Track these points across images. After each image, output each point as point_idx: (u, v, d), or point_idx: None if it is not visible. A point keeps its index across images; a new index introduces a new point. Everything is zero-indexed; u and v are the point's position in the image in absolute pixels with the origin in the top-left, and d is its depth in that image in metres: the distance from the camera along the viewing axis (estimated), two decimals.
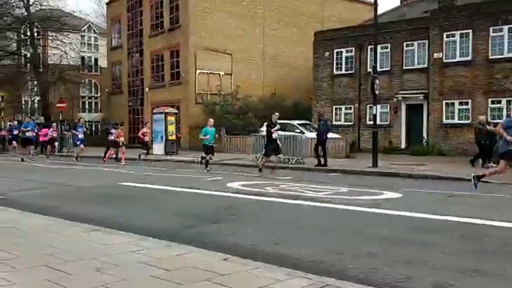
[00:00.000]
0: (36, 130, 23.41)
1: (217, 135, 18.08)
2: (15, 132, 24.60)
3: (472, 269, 4.54)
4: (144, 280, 3.74)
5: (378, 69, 18.21)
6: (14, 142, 24.52)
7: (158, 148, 23.79)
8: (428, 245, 5.50)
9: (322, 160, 16.21)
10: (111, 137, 20.14)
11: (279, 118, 15.15)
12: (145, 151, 20.17)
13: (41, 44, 39.33)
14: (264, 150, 14.76)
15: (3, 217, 6.60)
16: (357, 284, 3.81)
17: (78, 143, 21.38)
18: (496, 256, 5.08)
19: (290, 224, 6.95)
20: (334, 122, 26.24)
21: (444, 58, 22.13)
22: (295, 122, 23.36)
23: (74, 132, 21.71)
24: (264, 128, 23.16)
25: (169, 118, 25.05)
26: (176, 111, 26.97)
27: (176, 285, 3.59)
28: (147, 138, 20.56)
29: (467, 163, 15.82)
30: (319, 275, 3.91)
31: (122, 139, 20.12)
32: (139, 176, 13.90)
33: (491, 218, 6.97)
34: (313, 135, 21.83)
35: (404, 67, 23.96)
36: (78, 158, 20.43)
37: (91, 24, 49.11)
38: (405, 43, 23.82)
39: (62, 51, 37.09)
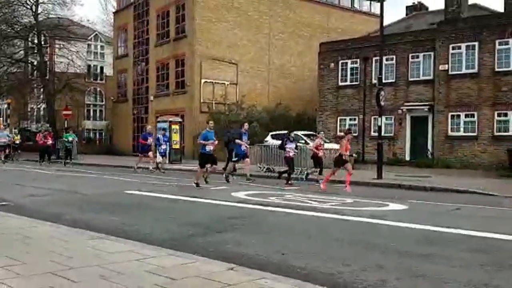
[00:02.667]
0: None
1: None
2: (150, 140, 19.28)
3: (482, 283, 4.45)
4: None
5: (383, 80, 18.18)
6: (150, 153, 19.01)
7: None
8: (436, 258, 5.42)
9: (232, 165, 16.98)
10: (289, 154, 15.01)
11: (284, 129, 15.09)
12: (317, 170, 15.34)
13: (48, 52, 39.62)
14: None
15: (9, 224, 6.57)
16: None
17: (236, 158, 16.00)
18: (506, 270, 4.99)
19: (297, 234, 6.88)
20: (338, 133, 26.24)
21: (450, 70, 22.13)
22: (300, 133, 23.31)
23: (239, 141, 15.61)
24: (268, 138, 23.29)
25: (173, 126, 25.07)
26: (181, 119, 27.00)
27: None
28: (320, 153, 15.25)
29: (472, 176, 15.70)
30: (328, 287, 3.84)
31: (347, 153, 13.32)
32: (143, 184, 13.88)
33: (499, 231, 6.88)
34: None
35: (410, 79, 23.94)
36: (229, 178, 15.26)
37: (98, 33, 49.54)
38: (410, 55, 23.83)
39: (68, 59, 37.35)
